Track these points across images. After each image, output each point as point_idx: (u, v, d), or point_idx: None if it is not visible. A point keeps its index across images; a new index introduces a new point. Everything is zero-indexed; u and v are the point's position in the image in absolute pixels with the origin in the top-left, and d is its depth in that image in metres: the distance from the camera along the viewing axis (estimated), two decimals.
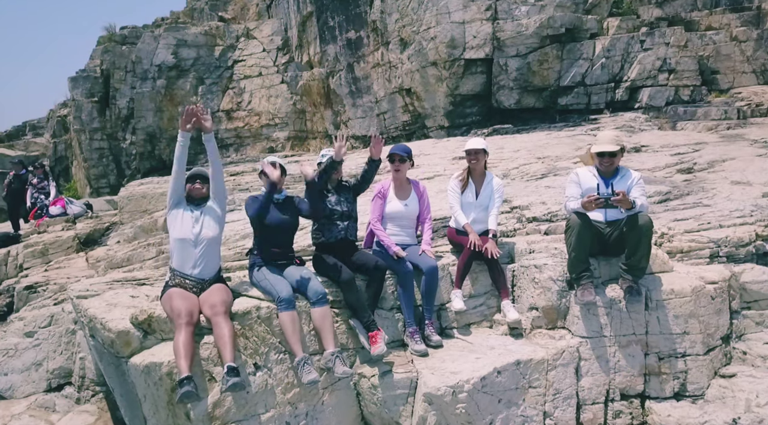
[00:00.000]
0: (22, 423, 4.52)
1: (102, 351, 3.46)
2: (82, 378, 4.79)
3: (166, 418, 3.08)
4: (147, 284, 4.14)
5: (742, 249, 4.28)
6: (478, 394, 3.34)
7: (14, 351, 5.10)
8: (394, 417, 3.45)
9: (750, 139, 8.89)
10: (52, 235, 9.27)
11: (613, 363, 3.61)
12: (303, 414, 3.31)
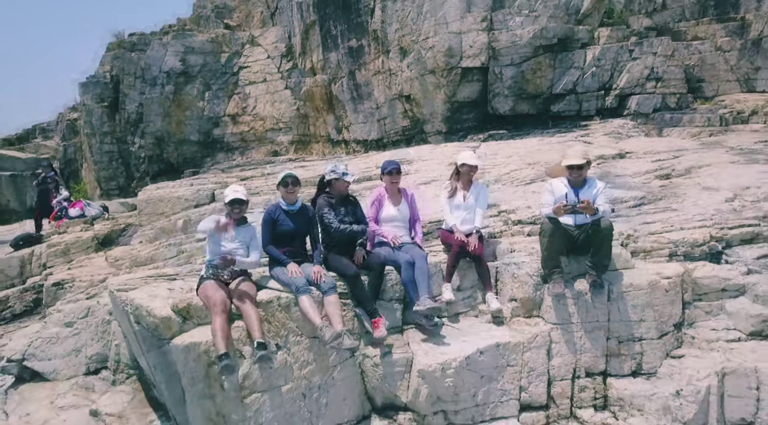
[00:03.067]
0: (67, 402, 5.19)
1: (145, 335, 4.11)
2: (117, 362, 5.45)
3: (203, 389, 3.73)
4: (178, 279, 4.79)
5: (697, 249, 4.93)
6: (464, 371, 3.99)
7: (56, 339, 5.78)
8: (393, 390, 4.10)
9: (727, 146, 9.53)
10: (72, 235, 9.92)
11: (579, 346, 4.27)
12: (316, 387, 3.97)
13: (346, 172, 4.69)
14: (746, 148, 9.24)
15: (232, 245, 4.14)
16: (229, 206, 4.22)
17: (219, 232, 4.06)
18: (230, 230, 4.12)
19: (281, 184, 4.54)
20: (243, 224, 4.30)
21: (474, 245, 4.51)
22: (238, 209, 4.26)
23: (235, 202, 4.24)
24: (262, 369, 3.73)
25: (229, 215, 4.23)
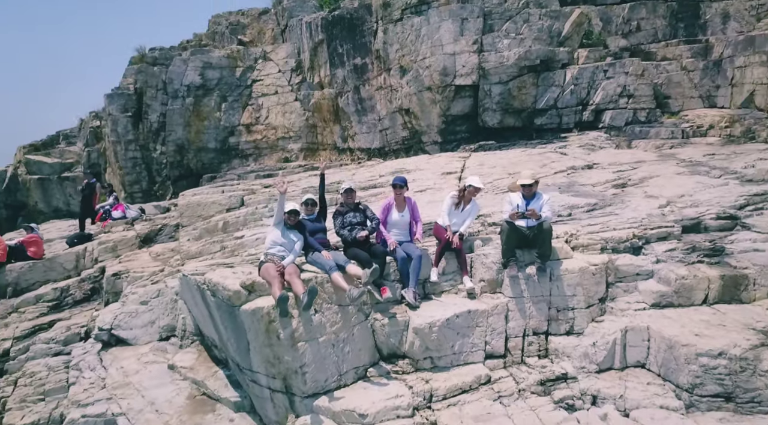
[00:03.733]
0: (149, 359, 6.93)
1: (220, 304, 5.84)
2: (184, 331, 7.17)
3: (264, 340, 5.47)
4: (235, 266, 6.53)
5: (621, 244, 6.68)
6: (445, 329, 5.75)
7: (135, 314, 7.51)
8: (395, 343, 5.86)
9: (680, 158, 11.27)
10: (117, 235, 11.68)
11: (528, 313, 6.02)
12: (341, 340, 5.71)
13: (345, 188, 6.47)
14: (694, 160, 10.98)
15: (283, 240, 5.90)
16: (288, 215, 6.00)
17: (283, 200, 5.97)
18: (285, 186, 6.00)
19: (303, 204, 6.34)
20: (292, 229, 6.05)
21: (455, 243, 6.26)
22: (294, 217, 6.03)
23: (292, 212, 6.02)
24: (305, 323, 5.48)
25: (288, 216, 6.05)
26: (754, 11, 15.83)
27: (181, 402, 6.20)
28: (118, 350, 7.31)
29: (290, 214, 6.08)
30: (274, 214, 6.12)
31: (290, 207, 6.10)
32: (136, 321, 7.48)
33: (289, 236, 5.98)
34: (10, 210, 21.64)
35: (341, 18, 16.20)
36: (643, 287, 6.22)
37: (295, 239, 6.00)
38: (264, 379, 5.65)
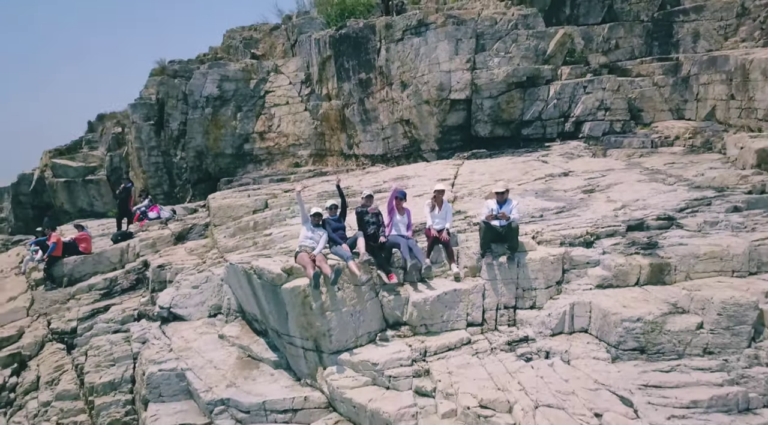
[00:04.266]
0: (202, 331, 8.85)
1: (264, 284, 7.75)
2: (228, 309, 9.09)
3: (300, 310, 7.38)
4: (271, 256, 8.45)
5: (576, 240, 8.59)
6: (436, 303, 7.67)
7: (188, 296, 9.42)
8: (398, 314, 7.78)
9: (644, 167, 13.17)
10: (154, 233, 13.63)
11: (500, 292, 7.94)
12: (358, 312, 7.62)
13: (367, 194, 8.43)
14: (655, 169, 12.88)
15: (312, 235, 7.84)
16: (312, 217, 7.94)
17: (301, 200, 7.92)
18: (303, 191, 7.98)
19: (328, 208, 8.30)
20: (318, 227, 7.98)
21: (443, 237, 8.20)
22: (317, 218, 7.96)
23: (316, 215, 7.96)
24: (331, 297, 7.40)
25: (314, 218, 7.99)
26: (722, 31, 17.71)
27: (232, 361, 8.13)
28: (175, 324, 9.25)
29: (314, 216, 8.02)
30: (300, 215, 8.07)
31: (315, 211, 8.04)
32: (189, 301, 9.43)
33: (316, 232, 7.92)
34: (36, 210, 23.56)
35: (347, 36, 18.09)
36: (591, 273, 8.14)
37: (320, 234, 7.94)
38: (299, 341, 7.59)
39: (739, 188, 10.79)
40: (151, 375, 7.98)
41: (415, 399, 6.61)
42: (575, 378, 6.49)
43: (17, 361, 9.95)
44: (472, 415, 6.03)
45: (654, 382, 6.24)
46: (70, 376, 9.37)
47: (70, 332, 10.75)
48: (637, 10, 18.32)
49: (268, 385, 7.59)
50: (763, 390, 6.01)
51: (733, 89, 14.65)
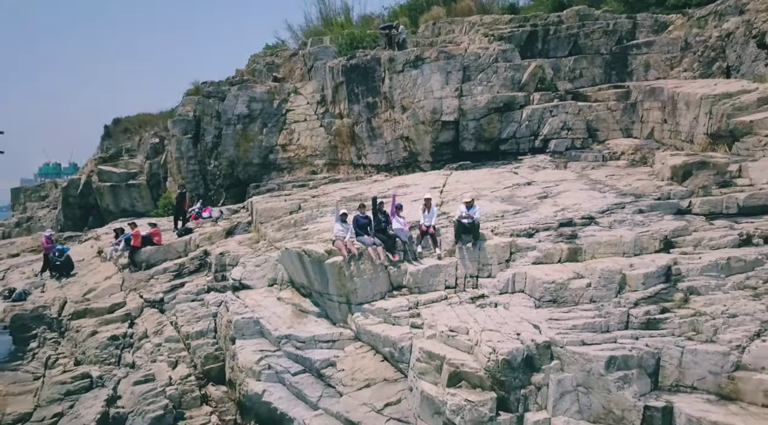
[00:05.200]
0: (264, 295, 13.29)
1: (312, 261, 12.16)
2: (282, 280, 13.53)
3: (336, 277, 11.79)
4: (316, 243, 12.88)
5: (521, 232, 13.04)
6: (425, 273, 12.13)
7: (253, 271, 13.86)
8: (400, 280, 12.24)
9: (590, 178, 17.55)
10: (209, 229, 18.08)
11: (467, 265, 12.37)
12: (373, 278, 12.01)
13: (380, 201, 12.87)
14: (597, 180, 17.26)
15: (343, 229, 12.30)
16: (341, 215, 12.39)
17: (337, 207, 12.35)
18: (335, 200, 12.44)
19: (357, 209, 12.73)
20: (345, 222, 12.42)
21: (430, 230, 12.66)
22: (344, 216, 12.42)
23: (343, 214, 12.43)
24: (356, 269, 11.81)
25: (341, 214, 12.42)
26: (668, 62, 22.15)
27: (288, 313, 12.56)
28: (245, 291, 13.69)
29: (343, 215, 12.47)
30: (335, 215, 12.52)
31: (343, 211, 12.50)
32: (253, 275, 13.87)
33: (345, 227, 12.37)
34: (82, 210, 28.02)
35: (357, 66, 22.52)
36: (529, 254, 12.56)
37: (347, 227, 12.38)
38: (335, 298, 12.04)
39: (652, 195, 15.14)
40: (236, 321, 12.40)
41: (410, 329, 11.04)
42: (509, 316, 10.91)
43: (129, 319, 14.38)
44: (445, 335, 10.46)
45: (555, 317, 10.66)
46: (169, 328, 13.81)
47: (159, 301, 15.17)
48: (598, 45, 22.80)
49: (314, 327, 12.04)
50: (618, 320, 10.41)
51: (666, 115, 19.11)
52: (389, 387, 10.48)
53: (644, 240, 12.47)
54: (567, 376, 9.44)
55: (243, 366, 11.62)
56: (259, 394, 11.11)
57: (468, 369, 9.73)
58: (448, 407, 9.42)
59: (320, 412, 10.35)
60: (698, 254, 11.91)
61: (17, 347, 13.32)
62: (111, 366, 12.62)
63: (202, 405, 11.94)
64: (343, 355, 11.29)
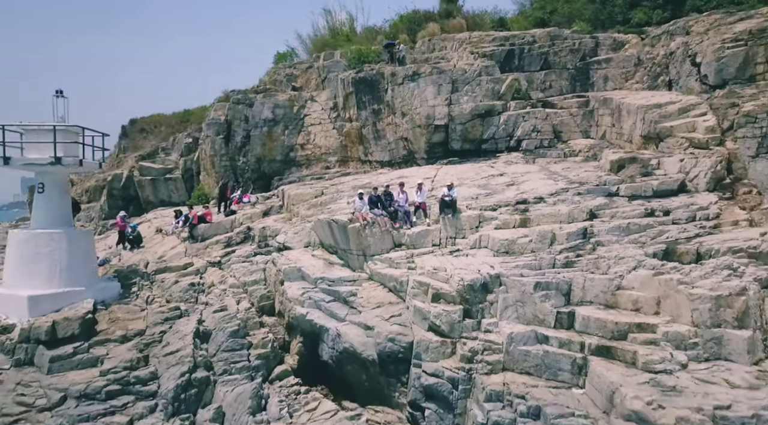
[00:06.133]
0: (302, 253, 19.12)
1: (339, 227, 18.00)
2: (315, 242, 19.37)
3: (355, 236, 17.65)
4: (339, 216, 18.76)
5: (488, 207, 18.95)
6: (418, 235, 18.12)
7: (292, 238, 19.71)
8: (400, 240, 18.17)
9: (550, 170, 23.42)
10: (249, 211, 24.02)
11: (448, 230, 18.27)
12: (381, 238, 17.90)
13: (386, 185, 18.82)
14: (555, 172, 23.11)
15: (361, 205, 18.21)
16: (358, 194, 18.30)
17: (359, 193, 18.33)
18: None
19: (373, 189, 18.64)
20: (361, 200, 18.34)
21: (423, 205, 18.56)
22: (361, 196, 18.33)
23: (360, 194, 18.34)
24: (370, 231, 17.67)
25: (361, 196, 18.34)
26: (623, 76, 28.07)
27: (320, 264, 18.44)
28: (286, 251, 19.60)
29: (359, 194, 18.39)
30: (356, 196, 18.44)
31: (360, 192, 18.43)
32: (293, 240, 19.79)
33: (362, 202, 18.33)
34: (124, 201, 33.81)
35: (364, 78, 28.40)
36: (492, 223, 18.46)
37: (363, 203, 18.29)
38: (355, 252, 18.00)
39: (592, 183, 20.99)
40: (284, 269, 18.28)
41: (407, 270, 16.94)
42: (475, 261, 16.77)
43: (198, 273, 20.21)
44: (431, 272, 16.32)
45: (506, 261, 16.52)
46: (230, 279, 19.66)
47: (218, 262, 21.02)
48: (565, 61, 28.75)
49: (340, 272, 17.96)
50: (547, 262, 16.22)
51: (614, 120, 25.05)
52: (393, 307, 16.37)
53: (575, 212, 18.35)
54: (509, 295, 15.31)
55: (291, 298, 17.49)
56: (303, 315, 16.98)
57: (445, 291, 15.61)
58: (431, 314, 15.30)
59: (347, 323, 16.26)
60: (610, 221, 17.80)
61: (124, 291, 19.14)
62: (192, 304, 18.41)
63: (260, 328, 17.74)
64: (361, 289, 17.19)
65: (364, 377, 15.93)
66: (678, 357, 13.30)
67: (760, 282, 14.78)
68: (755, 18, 25.49)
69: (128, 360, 15.71)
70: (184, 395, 14.93)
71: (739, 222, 18.07)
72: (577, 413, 12.97)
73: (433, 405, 14.49)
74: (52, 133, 17.29)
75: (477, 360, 14.49)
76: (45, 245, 17.36)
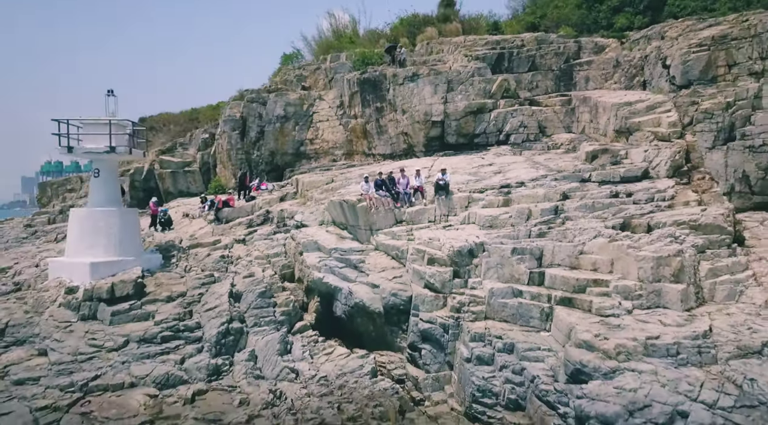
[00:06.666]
0: (317, 229, 22.97)
1: (349, 206, 21.87)
2: (328, 221, 23.24)
3: (363, 214, 21.59)
4: (347, 196, 22.64)
5: (476, 190, 22.87)
6: (416, 213, 22.11)
7: (308, 217, 23.58)
8: (401, 217, 22.09)
9: (533, 160, 27.30)
10: (267, 196, 28.03)
11: (441, 209, 22.25)
12: (385, 215, 21.84)
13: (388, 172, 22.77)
14: (538, 162, 26.98)
15: (367, 187, 22.12)
16: (364, 179, 22.21)
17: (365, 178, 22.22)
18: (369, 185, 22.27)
19: (378, 174, 22.55)
20: (367, 183, 22.24)
21: (421, 188, 22.48)
22: (366, 180, 22.24)
23: (366, 178, 22.25)
24: (375, 209, 21.54)
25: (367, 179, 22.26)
26: (603, 76, 31.96)
27: (333, 239, 22.36)
28: (303, 229, 23.51)
29: (365, 178, 22.31)
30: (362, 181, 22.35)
31: (365, 176, 22.37)
32: (309, 219, 23.72)
33: (368, 185, 22.22)
34: (146, 192, 37.67)
35: (368, 79, 32.30)
36: (479, 203, 22.38)
37: (369, 186, 22.21)
38: (363, 227, 21.95)
39: (569, 170, 24.90)
40: (303, 242, 22.19)
41: (407, 241, 20.87)
42: (464, 233, 20.67)
43: (227, 248, 24.07)
44: (426, 242, 20.21)
45: (490, 233, 20.39)
46: (255, 252, 23.53)
47: (242, 240, 24.91)
48: (551, 63, 32.67)
49: (350, 244, 21.92)
50: (524, 233, 20.09)
51: (591, 116, 28.96)
52: (395, 271, 20.31)
53: (550, 194, 22.24)
54: (491, 259, 19.19)
55: (309, 265, 21.40)
56: (320, 278, 20.88)
57: (438, 256, 19.50)
58: (427, 275, 19.17)
59: (357, 283, 20.18)
60: (579, 201, 21.66)
61: (165, 262, 23.01)
62: (223, 272, 22.25)
63: (283, 291, 21.59)
64: (369, 257, 21.14)
65: (371, 327, 19.79)
66: (625, 304, 17.16)
67: (697, 247, 18.64)
68: (722, 25, 29.37)
69: (176, 314, 19.58)
70: (224, 340, 18.79)
71: (690, 203, 21.95)
72: (542, 348, 16.82)
73: (428, 345, 18.35)
74: (108, 126, 21.15)
75: (464, 310, 18.33)
76: (102, 220, 21.24)
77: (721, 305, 17.51)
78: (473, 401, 16.58)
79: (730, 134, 23.14)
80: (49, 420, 15.27)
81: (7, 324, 19.43)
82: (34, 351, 18.46)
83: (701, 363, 15.01)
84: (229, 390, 17.18)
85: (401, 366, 18.83)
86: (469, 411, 16.65)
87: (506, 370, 16.57)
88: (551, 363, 16.23)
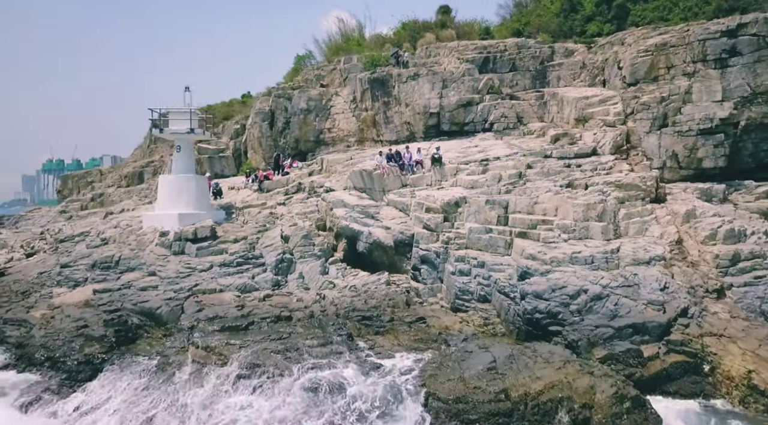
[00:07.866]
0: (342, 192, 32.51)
1: (366, 174, 31.47)
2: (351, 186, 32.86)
3: (378, 180, 31.29)
4: (365, 168, 32.24)
5: (463, 162, 32.47)
6: (417, 179, 31.99)
7: (335, 183, 33.19)
8: (406, 182, 31.81)
9: (510, 143, 36.88)
10: (299, 172, 37.89)
11: (436, 176, 32.01)
12: (394, 179, 31.47)
13: (397, 148, 32.44)
14: (514, 144, 36.61)
15: (381, 160, 31.72)
16: (378, 153, 31.82)
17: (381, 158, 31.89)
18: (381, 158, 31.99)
19: (389, 149, 32.16)
20: (380, 155, 31.83)
21: (420, 161, 32.09)
22: (381, 154, 31.86)
23: (380, 152, 31.87)
24: (387, 174, 31.10)
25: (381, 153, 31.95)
26: (572, 76, 41.61)
27: (355, 198, 32.12)
28: (332, 192, 33.11)
29: (379, 153, 31.98)
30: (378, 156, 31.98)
31: (380, 150, 32.05)
32: (336, 184, 33.36)
33: (381, 158, 31.85)
34: None
35: (377, 78, 42.00)
36: (465, 172, 32.06)
37: (383, 158, 31.80)
38: (377, 189, 31.85)
39: (536, 150, 34.50)
40: (332, 200, 31.85)
41: (411, 198, 30.61)
42: (452, 192, 30.42)
43: (271, 208, 33.54)
44: (425, 197, 29.81)
45: (471, 191, 29.93)
46: (294, 210, 33.04)
47: (282, 203, 34.47)
48: (528, 65, 42.45)
49: (367, 201, 31.76)
50: (495, 190, 29.61)
51: (558, 108, 38.64)
52: (402, 218, 30.16)
53: (518, 165, 31.90)
54: (471, 208, 28.87)
55: (338, 216, 31.00)
56: (347, 225, 30.53)
57: (433, 207, 29.18)
58: (425, 219, 28.85)
59: (374, 227, 29.81)
60: (538, 169, 31.22)
61: (227, 217, 32.53)
62: (272, 224, 31.71)
63: (318, 236, 31.06)
64: (382, 210, 30.82)
65: (385, 257, 29.40)
66: (563, 236, 26.74)
67: (618, 199, 28.22)
68: (669, 34, 39.06)
69: (243, 249, 29.13)
70: (280, 265, 28.39)
71: (623, 171, 31.52)
72: (503, 264, 26.29)
73: (426, 266, 27.99)
74: (188, 113, 30.75)
75: (451, 242, 27.92)
76: (184, 183, 30.85)
77: (632, 238, 27.12)
78: (456, 298, 26.12)
79: (664, 122, 32.66)
80: (175, 304, 24.74)
81: (120, 258, 28.97)
82: (146, 273, 27.97)
83: (608, 268, 24.62)
84: (288, 294, 26.67)
85: (407, 282, 28.42)
86: (454, 305, 26.17)
87: (479, 277, 26.17)
88: (509, 273, 25.78)
